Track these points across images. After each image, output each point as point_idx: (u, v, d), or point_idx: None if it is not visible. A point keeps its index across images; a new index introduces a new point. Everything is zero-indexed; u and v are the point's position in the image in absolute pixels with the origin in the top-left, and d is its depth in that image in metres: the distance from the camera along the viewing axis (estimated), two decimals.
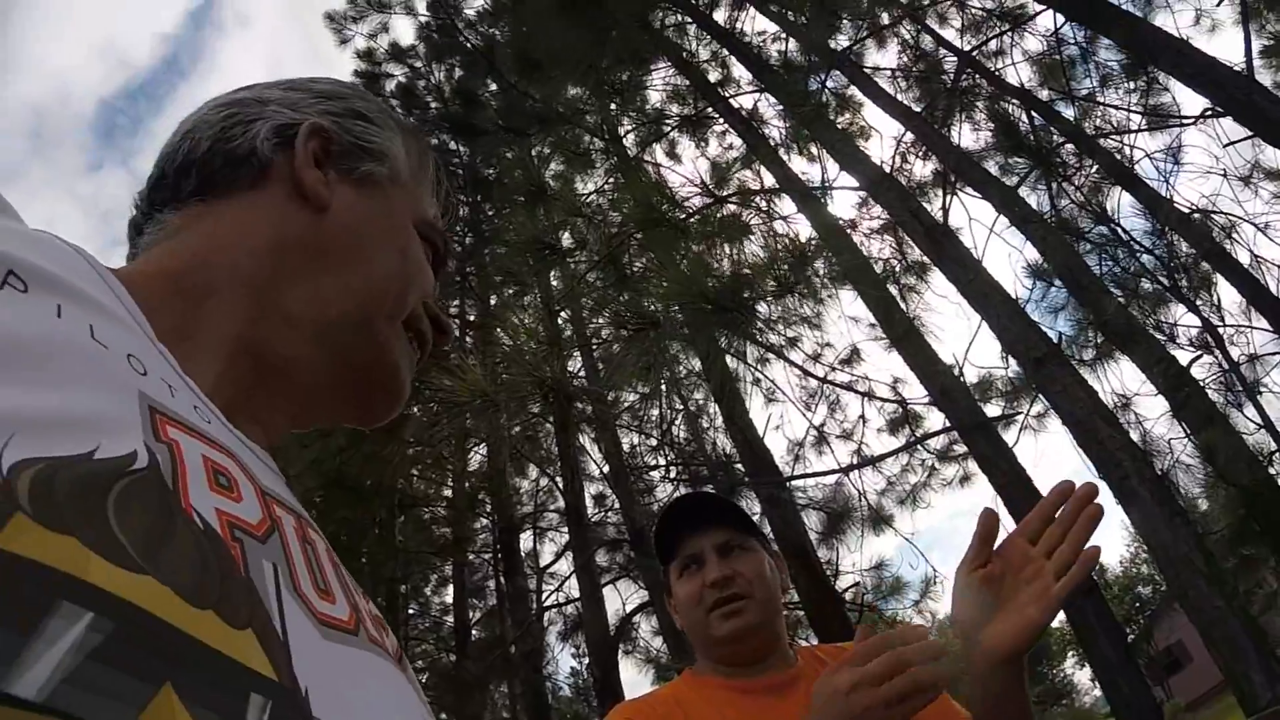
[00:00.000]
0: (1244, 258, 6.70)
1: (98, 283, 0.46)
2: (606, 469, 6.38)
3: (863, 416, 7.41)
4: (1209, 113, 6.48)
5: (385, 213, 0.66)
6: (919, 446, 7.61)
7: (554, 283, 5.90)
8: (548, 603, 8.21)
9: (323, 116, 0.67)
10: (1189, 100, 6.95)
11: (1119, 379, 6.74)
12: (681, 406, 6.34)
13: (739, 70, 6.98)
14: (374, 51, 9.55)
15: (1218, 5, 7.17)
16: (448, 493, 7.94)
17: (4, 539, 0.29)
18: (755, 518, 1.93)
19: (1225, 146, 6.67)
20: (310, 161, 0.63)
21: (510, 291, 6.07)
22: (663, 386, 5.45)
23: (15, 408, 0.33)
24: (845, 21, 6.77)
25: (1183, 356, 6.22)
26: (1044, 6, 6.95)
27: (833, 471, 6.75)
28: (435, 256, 0.71)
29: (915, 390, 7.18)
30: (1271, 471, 5.42)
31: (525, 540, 8.26)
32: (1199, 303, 7.13)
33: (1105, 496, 4.69)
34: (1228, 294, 6.76)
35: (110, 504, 0.33)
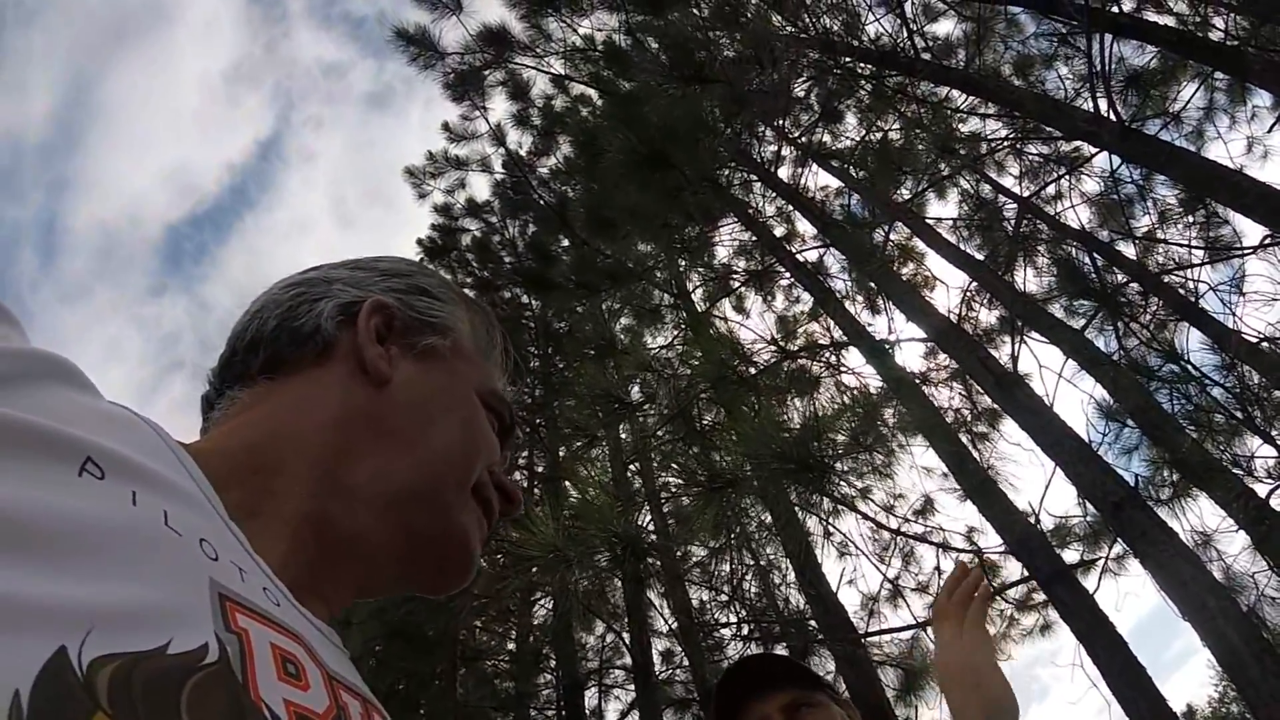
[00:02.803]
0: None
1: (171, 461, 0.47)
2: (675, 625, 6.22)
3: (938, 568, 7.16)
4: (1269, 240, 6.45)
5: (448, 385, 0.67)
6: (998, 597, 7.34)
7: (623, 436, 5.94)
8: None
9: (386, 293, 0.69)
10: (1250, 229, 6.96)
11: (1198, 516, 6.47)
12: (752, 562, 6.21)
13: (803, 225, 7.17)
14: (451, 207, 10.07)
15: (1269, 132, 7.25)
16: (511, 646, 7.78)
17: None
18: (830, 676, 1.84)
19: None
20: (372, 337, 0.65)
21: (579, 444, 6.12)
22: (733, 542, 5.37)
23: (92, 599, 0.34)
24: (906, 174, 6.96)
25: (1261, 489, 6.01)
26: (1098, 149, 7.09)
27: (909, 627, 6.49)
28: (501, 426, 0.71)
29: (991, 539, 6.98)
30: None
31: (590, 698, 8.02)
32: (1274, 432, 6.91)
33: (1190, 635, 4.46)
34: None
35: (184, 701, 0.33)
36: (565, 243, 8.27)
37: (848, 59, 7.07)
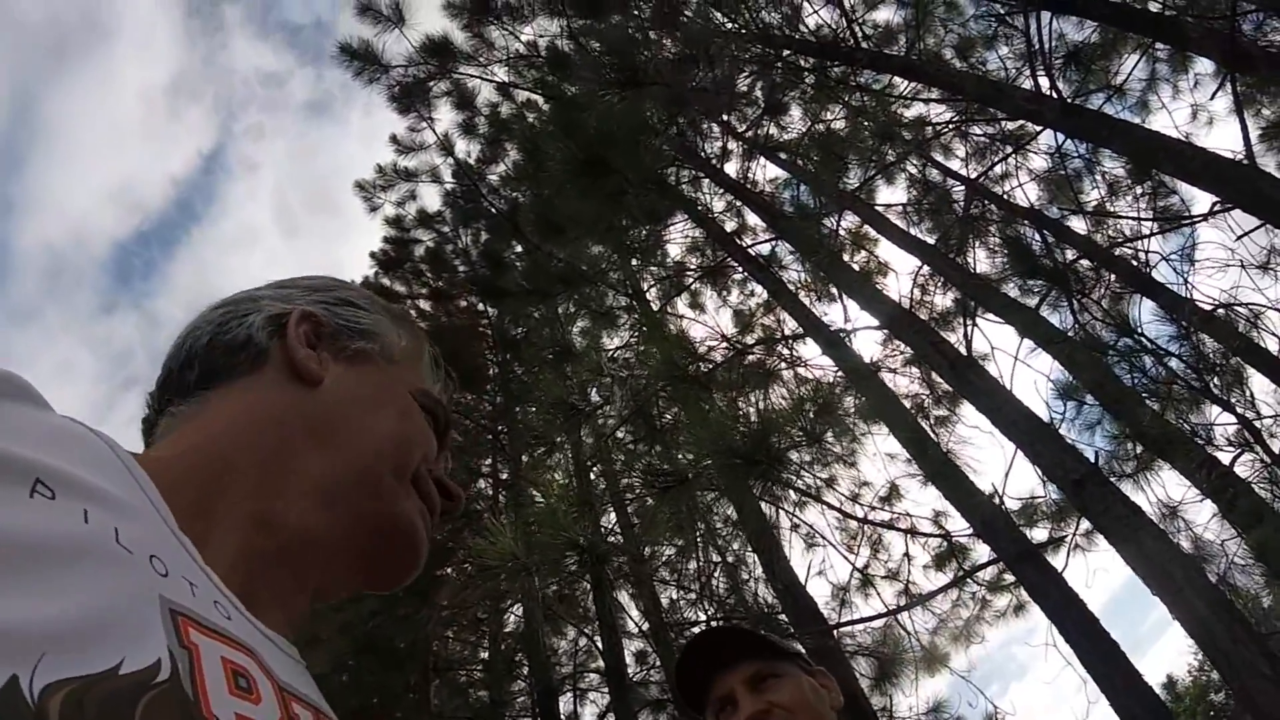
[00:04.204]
0: (1273, 345, 6.60)
1: (122, 473, 0.48)
2: (646, 626, 6.23)
3: (907, 554, 7.20)
4: (1217, 208, 6.51)
5: (379, 383, 0.69)
6: (968, 580, 7.39)
7: (584, 439, 5.93)
8: None
9: (313, 305, 0.71)
10: (1200, 197, 7.02)
11: (1163, 488, 6.52)
12: (719, 558, 6.22)
13: (754, 218, 7.19)
14: (402, 219, 10.00)
15: (1211, 99, 7.35)
16: (484, 655, 7.76)
17: None
18: None
19: (1238, 239, 6.67)
20: (302, 342, 0.67)
21: (540, 450, 6.11)
22: (698, 539, 5.37)
23: (44, 623, 0.34)
24: (853, 163, 6.99)
25: (1224, 457, 6.08)
26: (1042, 127, 7.14)
27: (881, 616, 6.51)
28: (437, 426, 0.72)
29: (958, 523, 7.03)
30: None
31: (565, 703, 8.01)
32: (1233, 400, 6.99)
33: (1161, 610, 4.50)
34: (1264, 385, 6.62)
35: None
36: (518, 249, 8.27)
37: (789, 52, 7.09)
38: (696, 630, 6.46)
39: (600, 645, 6.20)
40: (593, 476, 6.20)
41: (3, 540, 0.36)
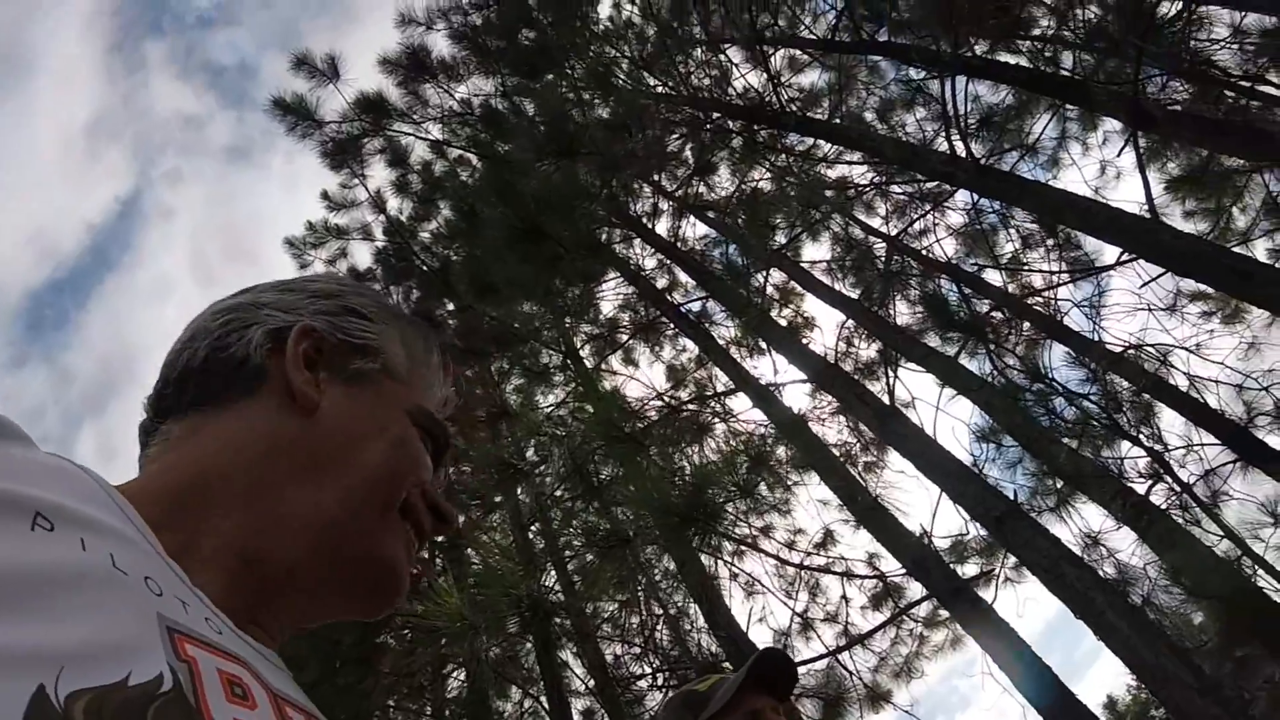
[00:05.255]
0: (1182, 382, 6.94)
1: (110, 506, 0.50)
2: (592, 683, 6.22)
3: (844, 596, 7.37)
4: (1123, 258, 6.86)
5: (376, 408, 0.68)
6: (904, 617, 7.56)
7: (522, 498, 5.96)
8: None
9: (316, 317, 0.70)
10: (1107, 248, 7.42)
11: (1083, 520, 6.79)
12: (661, 611, 6.28)
13: (685, 276, 7.37)
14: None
15: (1118, 155, 7.78)
16: None
17: None
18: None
19: (1142, 286, 7.04)
20: (300, 364, 0.66)
21: (477, 512, 6.10)
22: (640, 594, 5.43)
23: (60, 642, 0.38)
24: (779, 221, 7.23)
25: (1140, 488, 6.35)
26: (957, 187, 7.49)
27: (822, 657, 6.64)
28: (435, 445, 0.72)
29: (891, 564, 7.21)
30: (1244, 575, 5.48)
31: None
32: (1143, 435, 7.31)
33: (1089, 639, 4.67)
34: (1174, 419, 6.94)
35: None
36: (450, 307, 8.27)
37: (718, 114, 7.36)
38: (643, 684, 6.50)
39: (546, 705, 6.17)
40: (531, 535, 6.22)
41: (13, 571, 0.39)
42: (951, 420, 11.00)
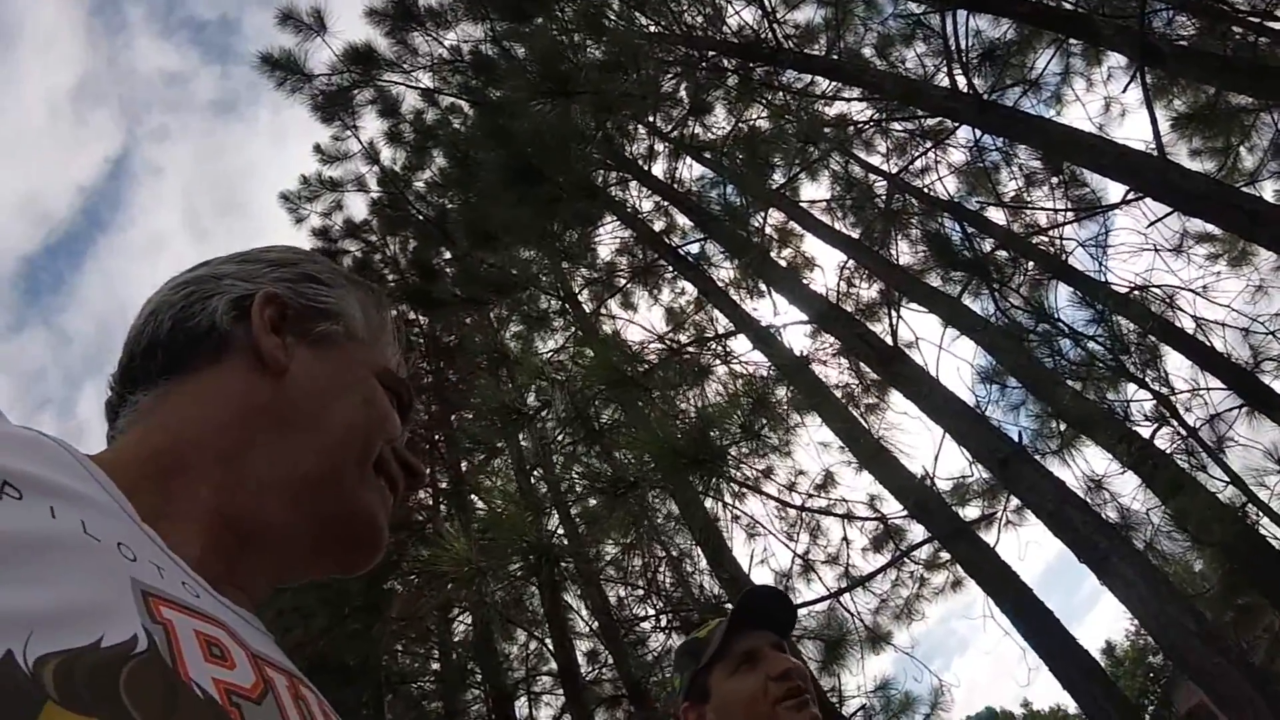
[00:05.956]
0: (1188, 324, 6.89)
1: (83, 475, 0.50)
2: (595, 625, 6.29)
3: (845, 539, 7.39)
4: (1130, 196, 6.77)
5: (343, 367, 0.69)
6: (905, 560, 7.60)
7: (524, 443, 5.95)
8: None
9: (276, 284, 0.70)
10: (1113, 187, 7.30)
11: (1087, 463, 6.77)
12: (664, 553, 6.31)
13: (683, 218, 7.29)
14: (329, 229, 9.85)
15: (1124, 91, 7.64)
16: (435, 666, 7.71)
17: None
18: None
19: (1149, 226, 6.95)
20: (267, 328, 0.66)
21: (480, 457, 6.10)
22: (643, 536, 5.45)
23: (28, 607, 0.38)
24: (777, 161, 7.13)
25: (1145, 431, 6.34)
26: (958, 124, 7.37)
27: (823, 599, 6.66)
28: (400, 403, 0.73)
29: (893, 506, 7.23)
30: (1248, 522, 5.48)
31: (520, 707, 8.00)
32: (1148, 377, 7.29)
33: (1089, 583, 4.69)
34: (1181, 362, 6.90)
35: (122, 686, 0.38)
36: (447, 255, 8.22)
37: (712, 53, 7.20)
38: (646, 625, 6.57)
39: (551, 647, 6.24)
40: (534, 480, 6.23)
41: None
42: (955, 361, 10.94)
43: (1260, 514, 5.94)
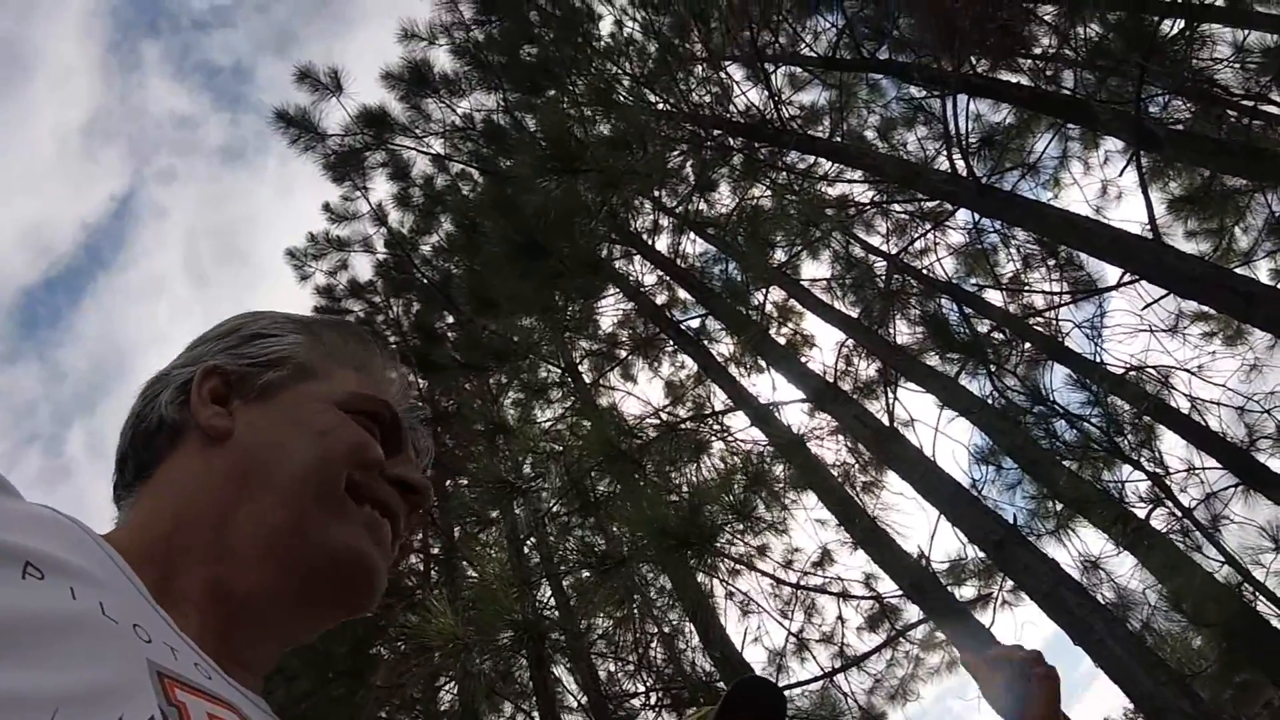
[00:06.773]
0: (1184, 404, 6.90)
1: (99, 555, 0.51)
2: (585, 700, 6.19)
3: (840, 617, 7.32)
4: (1125, 279, 6.83)
5: (292, 410, 0.69)
6: (901, 639, 7.52)
7: (518, 513, 5.94)
8: None
9: (218, 355, 0.71)
10: (1109, 269, 7.38)
11: (1082, 543, 6.74)
12: (656, 629, 6.25)
13: (685, 293, 7.37)
14: (333, 288, 9.94)
15: (1120, 175, 7.76)
16: None
17: None
18: None
19: (1144, 307, 7.00)
20: (206, 400, 0.68)
21: (475, 529, 6.08)
22: (635, 612, 5.40)
23: (54, 687, 0.39)
24: (779, 239, 7.24)
25: (1141, 512, 6.31)
26: (958, 206, 7.48)
27: (817, 678, 6.58)
28: (381, 424, 0.71)
29: (888, 585, 7.17)
30: (1245, 601, 5.42)
31: None
32: (1143, 458, 7.26)
33: (1086, 661, 4.63)
34: (1176, 441, 6.89)
35: None
36: (450, 320, 8.28)
37: (719, 131, 7.37)
38: (636, 702, 6.45)
39: None
40: (527, 550, 6.19)
41: (6, 619, 0.40)
42: (951, 442, 10.91)
43: (1257, 593, 5.90)
